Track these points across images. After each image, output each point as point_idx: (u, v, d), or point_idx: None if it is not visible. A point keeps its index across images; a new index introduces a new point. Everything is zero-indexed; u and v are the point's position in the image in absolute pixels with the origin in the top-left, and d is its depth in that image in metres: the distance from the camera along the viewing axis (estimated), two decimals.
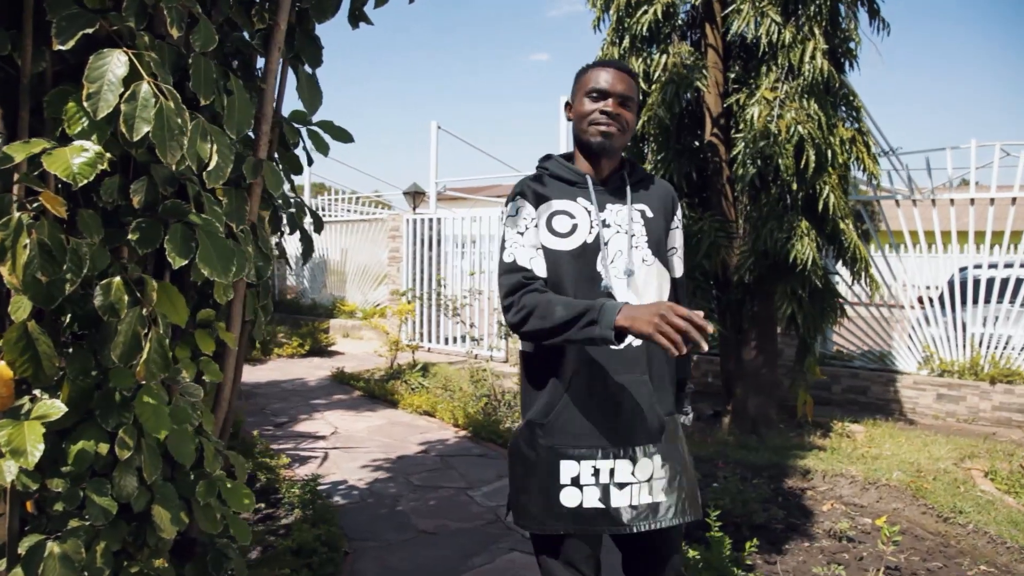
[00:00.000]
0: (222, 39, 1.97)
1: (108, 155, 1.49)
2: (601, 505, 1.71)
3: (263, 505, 4.00)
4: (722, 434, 5.57)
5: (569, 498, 1.71)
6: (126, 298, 1.53)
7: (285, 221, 2.26)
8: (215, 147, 1.50)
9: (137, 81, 1.33)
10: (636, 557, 1.86)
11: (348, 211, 14.92)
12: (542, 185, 1.82)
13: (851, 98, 5.20)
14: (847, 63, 5.43)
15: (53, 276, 1.37)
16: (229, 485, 1.79)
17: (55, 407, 1.50)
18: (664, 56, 5.26)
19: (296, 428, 5.82)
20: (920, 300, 6.99)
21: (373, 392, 7.00)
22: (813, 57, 4.72)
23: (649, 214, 1.83)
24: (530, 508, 1.76)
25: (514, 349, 9.03)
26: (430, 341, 10.07)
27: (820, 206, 4.91)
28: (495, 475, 4.62)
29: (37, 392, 1.55)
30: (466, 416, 5.82)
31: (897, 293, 7.04)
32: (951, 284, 6.81)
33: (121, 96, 1.30)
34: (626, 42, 5.54)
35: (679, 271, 1.94)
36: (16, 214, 1.34)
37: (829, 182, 4.90)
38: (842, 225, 4.99)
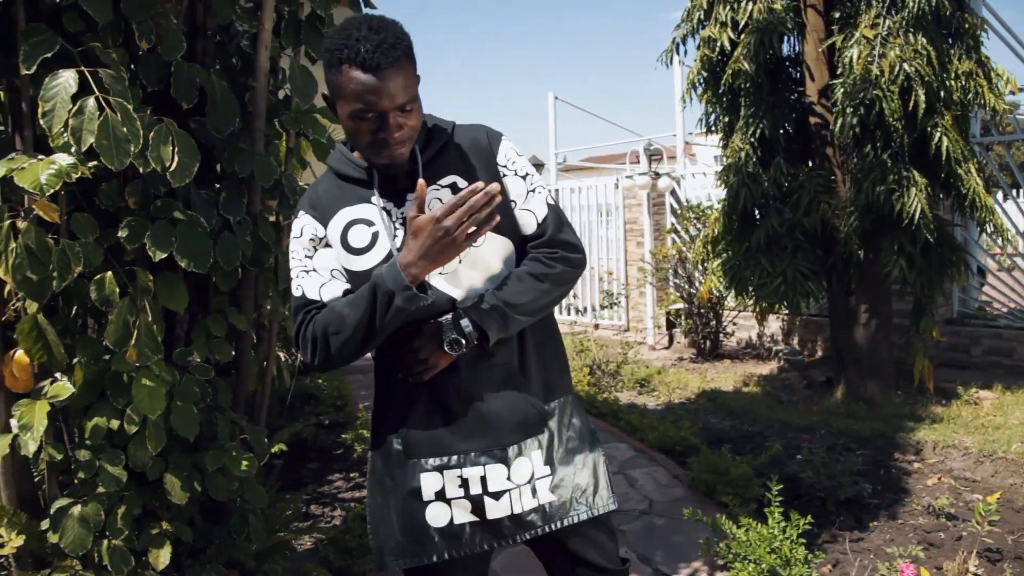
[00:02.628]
0: (221, 43, 2.11)
1: (95, 163, 1.66)
2: (475, 518, 1.45)
3: (356, 474, 4.28)
4: (832, 402, 5.25)
5: (436, 517, 1.44)
6: (118, 290, 1.70)
7: None
8: (176, 149, 1.62)
9: (86, 96, 1.47)
10: (556, 567, 1.64)
11: None
12: (329, 191, 1.48)
13: (968, 25, 4.64)
14: None
15: (42, 275, 1.56)
16: (235, 453, 1.95)
17: (65, 388, 1.71)
18: (750, 3, 4.94)
19: None
20: None
21: None
22: None
23: (463, 184, 1.44)
24: (393, 539, 1.48)
25: (635, 318, 8.94)
26: None
27: (932, 151, 4.45)
28: None
29: (57, 375, 1.78)
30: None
31: None
32: None
33: (70, 111, 1.45)
34: None
35: (531, 223, 1.49)
36: (5, 223, 1.53)
37: (942, 124, 4.42)
38: (959, 170, 4.49)
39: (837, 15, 4.98)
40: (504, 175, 1.48)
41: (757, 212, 5.25)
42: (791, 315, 6.80)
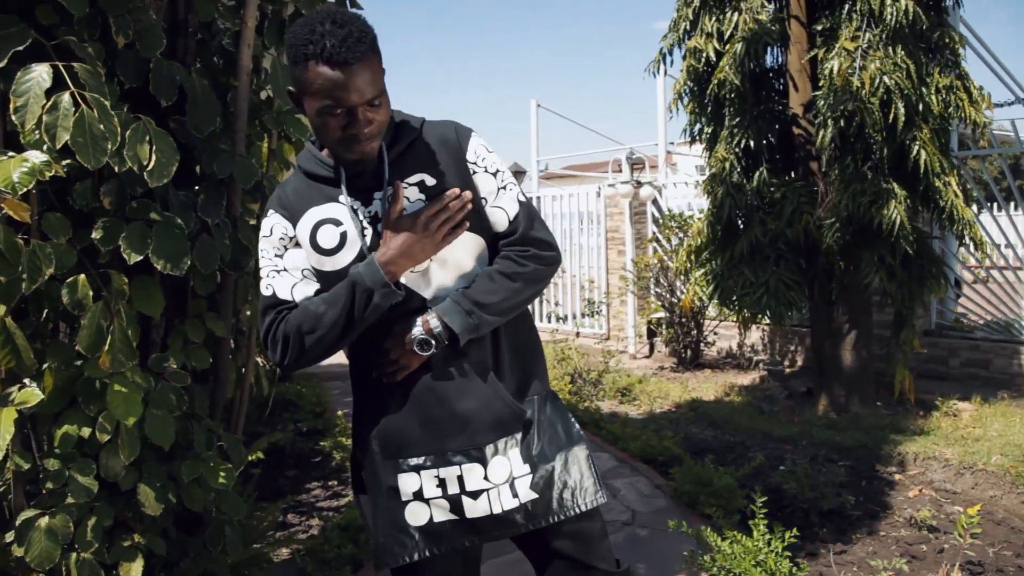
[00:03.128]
0: (203, 40, 2.06)
1: (69, 161, 1.60)
2: (455, 516, 1.44)
3: (335, 482, 4.21)
4: (813, 413, 5.26)
5: (415, 515, 1.43)
6: (91, 293, 1.64)
7: None
8: (154, 148, 1.57)
9: (60, 92, 1.41)
10: (542, 562, 1.60)
11: None
12: (298, 191, 1.46)
13: (947, 40, 4.69)
14: (950, 1, 4.89)
15: (11, 276, 1.50)
16: (212, 463, 1.89)
17: (33, 394, 1.64)
18: (736, 14, 4.96)
19: None
20: None
21: None
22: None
23: (431, 181, 1.42)
24: (377, 540, 1.48)
25: (616, 326, 8.93)
26: None
27: (910, 164, 4.48)
28: None
29: (26, 381, 1.71)
30: None
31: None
32: None
33: (43, 107, 1.39)
34: (697, 0, 5.28)
35: (502, 221, 1.46)
36: None
37: (920, 137, 4.46)
38: (938, 183, 4.53)
39: (820, 28, 5.01)
40: (474, 172, 1.46)
41: (740, 222, 5.26)
42: (774, 325, 6.83)
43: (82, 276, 1.63)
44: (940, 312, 6.74)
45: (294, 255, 1.44)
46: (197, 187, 1.96)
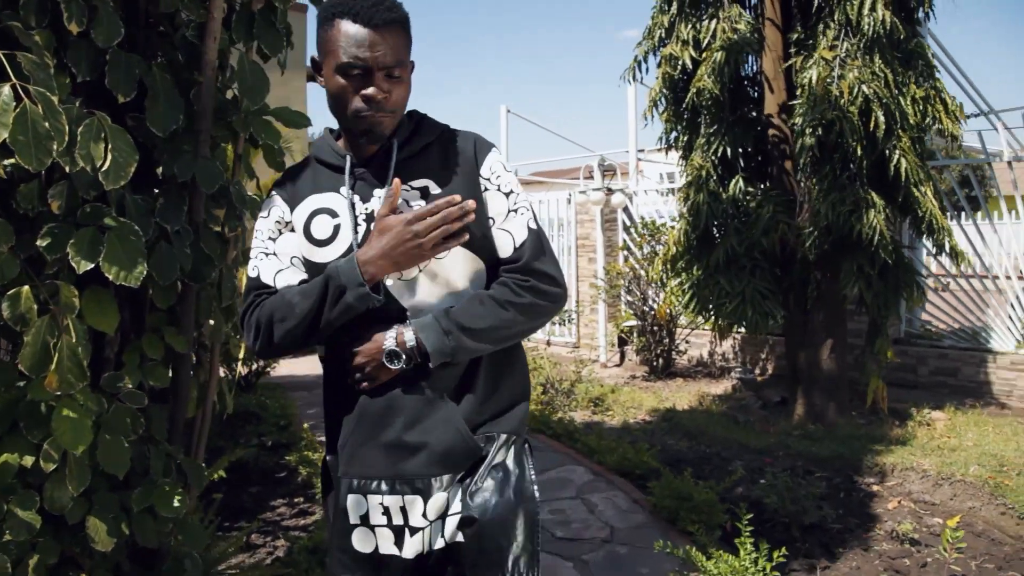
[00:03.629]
0: (164, 33, 1.90)
1: (13, 161, 1.44)
2: (396, 551, 1.33)
3: (301, 499, 4.03)
4: (787, 423, 5.23)
5: (362, 541, 1.34)
6: (35, 307, 1.48)
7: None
8: (110, 147, 1.41)
9: None
10: None
11: None
12: (303, 176, 1.42)
13: (923, 51, 4.70)
14: (920, 12, 4.90)
15: None
16: (167, 489, 1.73)
17: None
18: (713, 22, 4.92)
19: None
20: (1021, 274, 6.34)
21: None
22: (873, 8, 4.28)
23: (435, 190, 1.34)
24: (331, 566, 1.39)
25: (587, 335, 8.85)
26: None
27: (891, 172, 4.47)
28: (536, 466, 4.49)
29: None
30: None
31: (992, 264, 6.41)
32: None
33: None
34: (675, 7, 5.23)
35: (507, 246, 1.36)
36: None
37: (900, 146, 4.46)
38: (916, 193, 4.53)
39: (795, 37, 5.00)
40: (486, 189, 1.37)
41: (716, 231, 5.21)
42: (749, 335, 6.81)
43: (26, 288, 1.47)
44: (908, 320, 6.79)
45: (287, 240, 1.40)
46: (156, 191, 1.80)
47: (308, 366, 8.22)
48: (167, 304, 1.77)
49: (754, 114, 5.27)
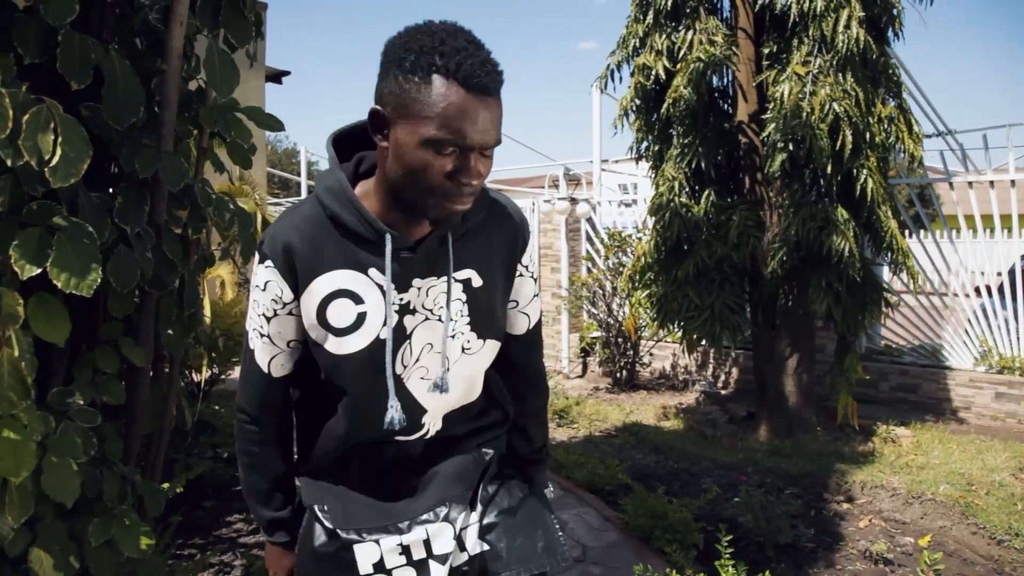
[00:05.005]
0: (123, 15, 1.75)
1: None
2: None
3: None
4: (755, 438, 5.20)
5: None
6: None
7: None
8: (60, 139, 1.26)
9: None
10: None
11: None
12: (314, 241, 1.13)
13: (891, 71, 4.74)
14: (890, 32, 4.95)
15: None
16: (128, 521, 1.57)
17: None
18: (689, 32, 4.89)
19: None
20: (978, 290, 6.45)
21: None
22: (848, 26, 4.30)
23: (477, 282, 1.22)
24: None
25: (549, 345, 8.76)
26: None
27: (858, 192, 4.48)
28: None
29: None
30: None
31: (950, 282, 6.51)
32: (1013, 271, 6.26)
33: None
34: (650, 18, 5.19)
35: (522, 327, 1.36)
36: None
37: (867, 165, 4.48)
38: (879, 212, 4.56)
39: (768, 51, 5.00)
40: (520, 274, 1.30)
41: (686, 244, 5.17)
42: (715, 349, 6.80)
43: None
44: (869, 336, 6.86)
45: (283, 324, 1.18)
46: (113, 189, 1.65)
47: None
48: (124, 313, 1.61)
49: (727, 126, 5.25)
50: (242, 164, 1.94)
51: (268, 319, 1.18)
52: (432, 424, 1.26)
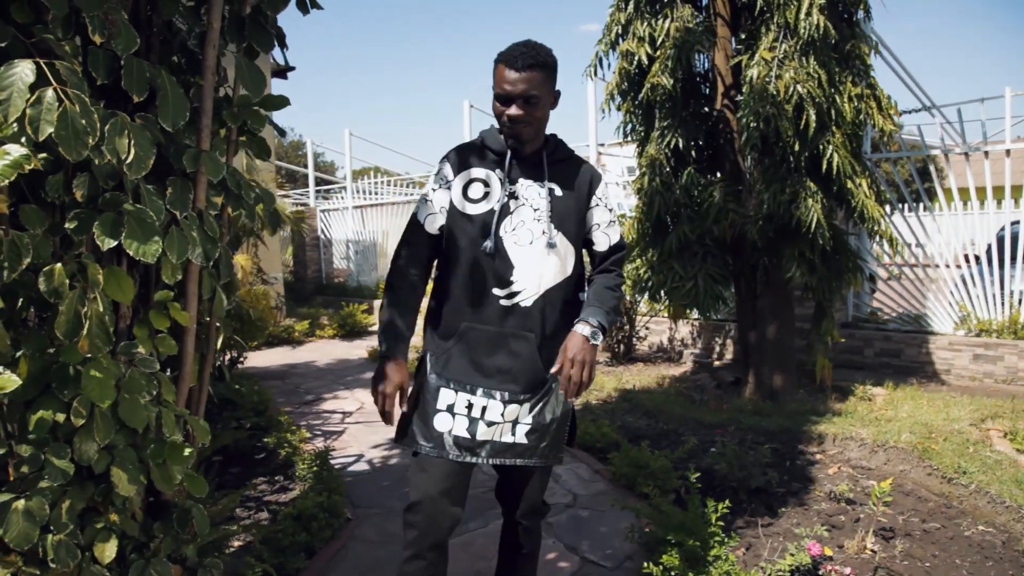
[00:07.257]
0: (165, 40, 2.12)
1: (44, 155, 1.66)
2: (467, 435, 1.98)
3: (281, 477, 4.24)
4: (741, 401, 5.57)
5: (442, 423, 1.98)
6: (67, 282, 1.70)
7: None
8: (133, 142, 1.64)
9: (43, 87, 1.47)
10: (502, 484, 2.24)
11: (396, 194, 15.17)
12: (471, 152, 2.03)
13: (859, 52, 5.05)
14: (860, 13, 5.25)
15: None
16: (179, 447, 1.96)
17: (10, 380, 1.68)
18: (667, 21, 5.22)
19: (325, 405, 6.08)
20: (967, 258, 6.76)
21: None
22: (809, 14, 4.62)
23: (558, 192, 2.01)
24: (410, 428, 2.02)
25: None
26: None
27: (824, 166, 4.82)
28: None
29: (1, 368, 1.75)
30: None
31: (933, 252, 6.84)
32: (999, 240, 6.56)
33: (27, 101, 1.45)
34: (631, 7, 5.51)
35: (603, 244, 2.12)
36: None
37: (833, 141, 4.80)
38: (849, 184, 4.89)
39: (742, 35, 5.32)
40: (596, 204, 2.10)
41: (669, 219, 5.51)
42: (702, 319, 7.13)
43: (59, 265, 1.68)
44: (856, 305, 7.19)
45: (442, 195, 2.01)
46: (163, 182, 2.03)
47: (279, 357, 8.39)
48: (175, 279, 1.99)
49: (706, 109, 5.58)
50: (261, 156, 2.32)
51: (435, 190, 2.01)
52: (520, 286, 1.96)
